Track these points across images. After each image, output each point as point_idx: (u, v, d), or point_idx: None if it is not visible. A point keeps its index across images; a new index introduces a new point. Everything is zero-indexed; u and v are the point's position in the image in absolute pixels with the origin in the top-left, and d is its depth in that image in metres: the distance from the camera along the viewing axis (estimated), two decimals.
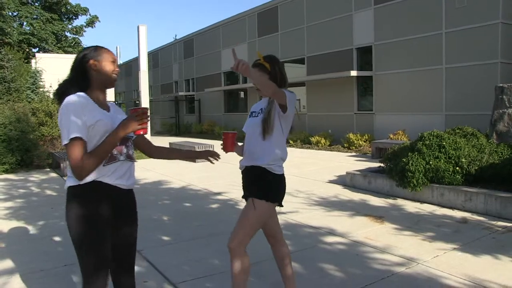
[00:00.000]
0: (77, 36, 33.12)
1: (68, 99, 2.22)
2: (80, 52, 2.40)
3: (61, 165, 10.33)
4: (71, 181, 2.26)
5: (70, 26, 32.75)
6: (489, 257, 4.19)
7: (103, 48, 2.41)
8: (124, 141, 2.39)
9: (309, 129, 17.96)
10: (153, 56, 32.96)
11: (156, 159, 2.87)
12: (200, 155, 2.85)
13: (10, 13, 28.66)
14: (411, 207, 6.38)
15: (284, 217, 5.89)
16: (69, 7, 31.51)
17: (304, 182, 8.60)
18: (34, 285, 3.78)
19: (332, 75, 16.44)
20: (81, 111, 2.18)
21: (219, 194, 7.62)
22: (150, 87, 21.33)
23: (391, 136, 13.81)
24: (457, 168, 6.40)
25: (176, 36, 71.02)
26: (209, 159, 2.89)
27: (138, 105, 21.60)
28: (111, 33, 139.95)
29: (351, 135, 14.91)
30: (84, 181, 2.22)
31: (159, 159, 2.81)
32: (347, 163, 11.21)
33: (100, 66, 2.33)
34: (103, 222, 2.29)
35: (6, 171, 10.90)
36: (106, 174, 2.28)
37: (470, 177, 6.39)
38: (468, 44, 12.57)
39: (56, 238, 5.13)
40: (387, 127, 14.76)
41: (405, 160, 6.74)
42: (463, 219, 5.61)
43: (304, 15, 18.49)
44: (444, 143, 6.71)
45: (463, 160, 6.45)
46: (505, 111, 7.66)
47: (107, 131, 2.25)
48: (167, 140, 18.39)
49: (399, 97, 14.69)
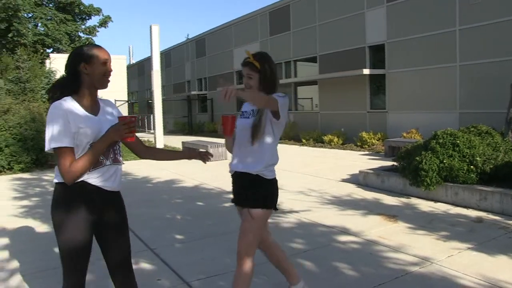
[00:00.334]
0: (90, 36, 33.40)
1: (55, 105, 2.25)
2: (73, 52, 2.39)
3: None
4: (59, 177, 2.32)
5: (83, 27, 33.05)
6: (505, 257, 4.14)
7: (95, 48, 2.36)
8: (112, 145, 2.40)
9: (321, 127, 17.91)
10: (166, 55, 33.09)
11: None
12: (193, 156, 2.82)
13: (26, 15, 28.97)
14: (424, 206, 6.34)
15: (297, 216, 5.89)
16: (82, 8, 31.79)
17: (317, 181, 8.59)
18: (42, 285, 3.83)
19: (345, 73, 16.37)
20: (67, 118, 2.22)
21: (231, 193, 7.63)
22: (163, 86, 21.44)
23: (404, 134, 13.73)
24: (472, 166, 6.34)
25: (188, 35, 71.14)
26: (203, 158, 2.82)
27: (151, 105, 21.73)
28: (124, 33, 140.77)
29: (364, 134, 14.85)
30: None
31: (148, 159, 2.83)
32: (360, 161, 11.17)
33: (91, 69, 2.31)
34: (84, 220, 2.32)
35: (22, 170, 11.03)
36: (91, 177, 2.32)
37: (485, 176, 6.32)
38: (483, 41, 12.43)
39: None
40: (400, 125, 14.67)
41: (418, 158, 6.69)
42: (478, 219, 5.56)
43: (316, 13, 18.44)
44: (458, 141, 6.65)
45: (478, 158, 6.38)
46: None
47: (91, 137, 2.28)
48: (179, 139, 18.46)
49: (412, 95, 14.58)
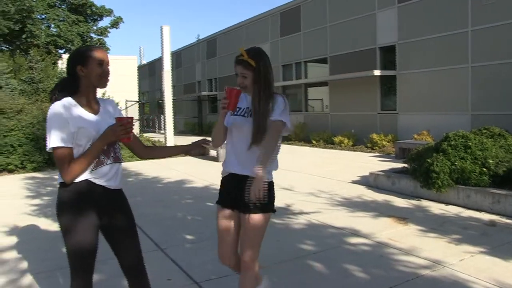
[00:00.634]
0: (101, 37, 33.62)
1: (54, 106, 2.30)
2: (70, 55, 2.45)
3: None
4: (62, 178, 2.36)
5: (95, 28, 33.27)
6: None
7: (91, 49, 2.40)
8: (112, 143, 2.44)
9: (332, 129, 17.86)
10: (176, 56, 33.19)
11: (179, 159, 2.90)
12: (191, 148, 2.79)
13: (39, 16, 29.24)
14: (436, 208, 6.30)
15: (307, 217, 5.88)
16: (94, 9, 32.00)
17: (327, 182, 8.57)
18: (53, 284, 3.85)
19: (355, 74, 16.31)
20: (66, 118, 2.27)
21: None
22: (173, 86, 21.54)
23: (415, 136, 13.64)
24: (484, 169, 6.29)
25: (199, 36, 71.34)
26: (203, 146, 2.79)
27: (161, 105, 21.81)
28: (135, 33, 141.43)
29: (374, 135, 14.78)
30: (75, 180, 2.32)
31: (149, 159, 2.84)
32: (370, 163, 11.13)
33: (88, 71, 2.36)
34: (90, 222, 2.36)
35: (34, 169, 11.13)
36: (95, 176, 2.37)
37: (498, 178, 6.26)
38: (496, 42, 12.32)
39: None
40: (411, 127, 14.58)
41: (429, 160, 6.65)
42: (491, 222, 5.51)
43: (327, 14, 18.40)
44: (470, 143, 6.60)
45: (490, 161, 6.33)
46: None
47: (90, 137, 2.33)
48: (190, 139, 18.50)
49: (423, 97, 14.49)
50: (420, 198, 6.89)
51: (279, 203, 6.72)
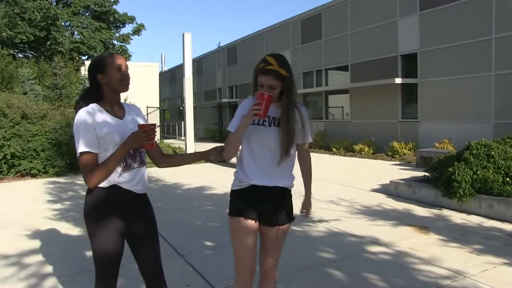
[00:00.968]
0: (124, 44, 34.10)
1: (80, 113, 2.35)
2: (89, 65, 2.50)
3: None
4: None
5: (117, 34, 33.77)
6: None
7: (108, 56, 2.45)
8: (137, 148, 2.47)
9: (352, 137, 17.77)
10: (197, 63, 33.44)
11: (200, 165, 2.90)
12: (207, 154, 2.75)
13: (63, 23, 29.82)
14: (457, 218, 6.21)
15: (327, 225, 5.86)
16: (117, 16, 32.50)
17: (347, 190, 8.52)
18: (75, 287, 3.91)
19: (376, 82, 16.22)
20: (92, 124, 2.31)
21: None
22: (194, 93, 21.68)
23: (437, 145, 13.48)
24: (507, 179, 6.19)
25: (219, 43, 71.76)
26: (219, 154, 2.69)
27: (182, 111, 21.97)
28: (157, 40, 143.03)
29: (395, 144, 14.66)
30: (102, 185, 2.36)
31: (166, 167, 2.82)
32: (390, 171, 11.03)
33: (107, 78, 2.40)
34: (117, 227, 2.41)
35: (56, 174, 11.31)
36: (123, 181, 2.41)
37: None
38: None
39: None
40: (432, 135, 14.42)
41: (451, 169, 6.58)
42: None
43: (348, 22, 18.36)
44: (493, 152, 6.51)
45: None
46: None
47: (117, 141, 2.37)
48: (210, 146, 18.54)
49: (445, 105, 14.33)
50: (441, 207, 6.81)
51: (299, 210, 6.72)
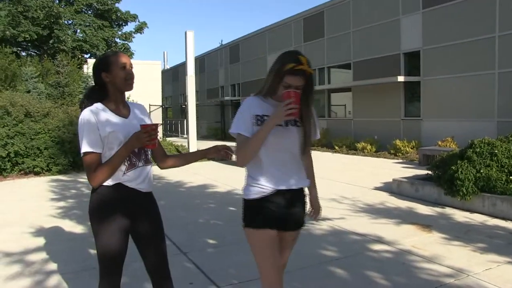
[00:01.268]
0: (126, 42, 34.10)
1: (84, 112, 2.36)
2: (94, 64, 2.51)
3: None
4: None
5: (120, 33, 33.77)
6: None
7: (112, 55, 2.45)
8: (142, 147, 2.46)
9: (354, 135, 17.76)
10: (200, 61, 33.43)
11: (202, 164, 2.86)
12: (207, 153, 2.73)
13: (66, 22, 29.85)
14: (460, 216, 6.21)
15: (331, 223, 5.87)
16: (119, 14, 32.49)
17: (350, 189, 8.52)
18: (79, 285, 3.92)
19: (379, 80, 16.20)
20: (95, 124, 2.33)
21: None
22: (197, 92, 21.65)
23: (439, 143, 13.46)
24: (511, 177, 6.18)
25: (222, 41, 71.70)
26: (224, 152, 2.66)
27: (184, 110, 21.98)
28: (159, 38, 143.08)
29: (397, 142, 14.64)
30: (107, 183, 2.37)
31: (167, 168, 2.79)
32: (393, 170, 11.03)
33: (112, 77, 2.41)
34: (121, 226, 2.42)
35: (59, 172, 11.34)
36: (127, 180, 2.42)
37: None
38: None
39: None
40: (435, 133, 14.41)
41: (454, 168, 6.57)
42: None
43: (350, 20, 18.33)
44: (496, 151, 6.50)
45: None
46: None
47: (121, 140, 2.37)
48: (212, 144, 18.55)
49: (448, 103, 14.30)
50: (444, 206, 6.80)
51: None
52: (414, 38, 15.46)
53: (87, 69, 21.42)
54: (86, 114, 2.35)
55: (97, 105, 2.41)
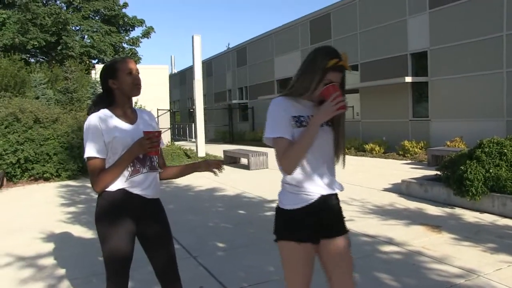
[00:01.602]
0: (133, 47, 34.25)
1: (90, 118, 2.40)
2: (100, 72, 2.53)
3: None
4: None
5: (127, 38, 33.93)
6: None
7: (118, 61, 2.47)
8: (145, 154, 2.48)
9: (363, 136, 17.72)
10: (207, 64, 33.52)
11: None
12: (199, 166, 2.69)
13: (73, 28, 30.06)
14: (470, 216, 6.18)
15: None
16: (126, 20, 32.66)
17: (359, 190, 8.50)
18: None
19: (386, 81, 16.17)
20: (100, 130, 2.36)
21: (272, 201, 7.65)
22: (204, 95, 21.73)
23: (448, 143, 13.40)
24: None
25: (229, 45, 71.83)
26: (213, 171, 2.65)
27: (192, 113, 22.03)
28: (166, 43, 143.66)
29: (406, 143, 14.59)
30: (110, 188, 2.39)
31: (164, 179, 2.77)
32: (402, 171, 10.99)
33: (119, 83, 2.44)
34: (127, 231, 2.43)
35: (69, 177, 11.41)
36: (130, 185, 2.43)
37: None
38: None
39: None
40: (444, 134, 14.34)
41: (463, 168, 6.54)
42: None
43: (357, 21, 18.32)
44: (506, 150, 6.46)
45: None
46: None
47: (125, 146, 2.39)
48: (221, 147, 18.64)
49: (456, 103, 14.24)
50: (453, 206, 6.77)
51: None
52: (421, 38, 15.42)
53: (95, 74, 21.54)
54: (92, 119, 2.39)
55: (103, 111, 2.44)
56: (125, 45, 33.78)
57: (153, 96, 19.90)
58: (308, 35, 21.62)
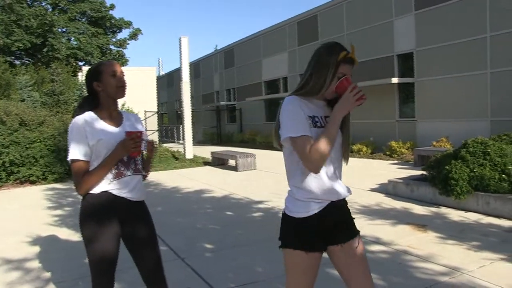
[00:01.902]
0: (121, 49, 34.18)
1: (74, 121, 2.41)
2: (86, 74, 2.54)
3: None
4: None
5: (114, 40, 33.85)
6: None
7: (102, 64, 2.49)
8: (132, 156, 2.50)
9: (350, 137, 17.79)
10: (195, 66, 33.48)
11: (198, 169, 2.87)
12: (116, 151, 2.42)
13: (60, 30, 29.87)
14: (455, 215, 6.26)
15: None
16: (113, 21, 32.58)
17: None
18: None
19: (373, 82, 16.26)
20: (84, 133, 2.36)
21: (260, 202, 7.68)
22: (192, 97, 21.68)
23: (434, 143, 13.54)
24: (504, 175, 6.23)
25: (216, 46, 71.73)
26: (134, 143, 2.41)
27: (180, 115, 21.99)
28: (153, 44, 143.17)
29: (393, 143, 14.69)
30: (94, 191, 2.40)
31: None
32: (389, 171, 11.08)
33: (103, 85, 2.45)
34: (111, 232, 2.44)
35: (55, 180, 11.33)
36: (114, 188, 2.43)
37: None
38: None
39: None
40: (430, 134, 14.49)
41: (448, 167, 6.62)
42: (511, 229, 5.46)
43: (344, 22, 18.43)
44: (489, 150, 6.55)
45: (510, 167, 6.27)
46: None
47: (110, 149, 2.40)
48: (208, 149, 18.63)
49: (442, 104, 14.39)
50: (439, 206, 6.85)
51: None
52: (408, 39, 15.56)
53: (81, 76, 21.45)
54: (76, 121, 2.39)
55: (88, 114, 2.45)
56: (112, 47, 33.69)
57: (141, 98, 19.87)
58: (296, 37, 21.69)
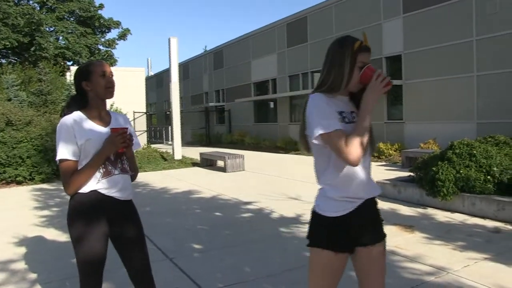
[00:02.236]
0: (109, 49, 34.01)
1: (63, 120, 2.40)
2: (75, 73, 2.54)
3: None
4: None
5: (103, 39, 33.67)
6: None
7: (92, 63, 2.50)
8: (119, 155, 2.51)
9: None
10: (184, 67, 33.40)
11: (187, 170, 2.88)
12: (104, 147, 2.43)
13: (47, 29, 29.64)
14: (441, 216, 6.32)
15: None
16: (102, 21, 32.41)
17: None
18: None
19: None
20: (72, 132, 2.36)
21: (249, 203, 7.70)
22: (181, 98, 21.64)
23: (422, 145, 13.66)
24: (489, 177, 6.31)
25: (206, 47, 71.67)
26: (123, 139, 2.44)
27: (169, 116, 21.95)
28: (142, 45, 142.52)
29: (381, 145, 14.79)
30: (82, 190, 2.39)
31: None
32: (377, 172, 11.14)
33: (92, 85, 2.45)
34: (100, 232, 2.44)
35: (42, 181, 11.25)
36: (102, 187, 2.43)
37: (502, 186, 6.27)
38: (501, 51, 12.36)
39: None
40: (418, 136, 14.61)
41: (435, 169, 6.69)
42: (495, 229, 5.53)
43: (333, 24, 18.52)
44: (475, 151, 6.63)
45: (495, 168, 6.36)
46: None
47: (98, 148, 2.40)
48: (197, 150, 18.60)
49: (430, 106, 14.52)
50: (426, 207, 6.91)
51: (287, 212, 6.78)
52: (396, 42, 15.67)
53: (70, 76, 21.30)
54: (65, 121, 2.39)
55: (77, 113, 2.44)
56: (101, 47, 33.53)
57: (130, 99, 19.78)
58: (285, 38, 21.75)
